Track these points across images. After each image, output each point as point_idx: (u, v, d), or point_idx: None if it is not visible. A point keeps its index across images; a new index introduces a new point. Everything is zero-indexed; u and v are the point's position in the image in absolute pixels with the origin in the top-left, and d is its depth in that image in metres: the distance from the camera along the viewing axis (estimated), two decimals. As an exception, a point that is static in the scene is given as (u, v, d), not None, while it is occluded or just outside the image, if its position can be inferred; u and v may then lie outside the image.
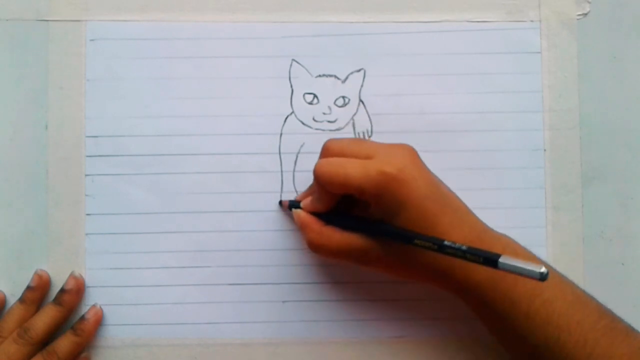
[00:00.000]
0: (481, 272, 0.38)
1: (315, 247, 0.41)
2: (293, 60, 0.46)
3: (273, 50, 0.46)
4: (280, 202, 0.45)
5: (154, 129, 0.45)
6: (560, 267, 0.45)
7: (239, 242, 0.45)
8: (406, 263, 0.40)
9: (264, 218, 0.45)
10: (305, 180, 0.45)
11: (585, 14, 0.46)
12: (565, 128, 0.46)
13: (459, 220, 0.39)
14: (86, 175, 0.45)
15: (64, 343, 0.43)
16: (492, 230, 0.40)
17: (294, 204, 0.44)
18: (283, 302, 0.45)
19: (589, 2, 0.46)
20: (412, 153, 0.39)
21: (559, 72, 0.46)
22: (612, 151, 0.46)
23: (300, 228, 0.42)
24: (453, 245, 0.36)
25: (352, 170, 0.38)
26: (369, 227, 0.40)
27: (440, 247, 0.37)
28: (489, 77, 0.46)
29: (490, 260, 0.35)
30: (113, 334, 0.45)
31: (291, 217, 0.45)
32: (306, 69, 0.46)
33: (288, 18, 0.46)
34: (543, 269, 0.33)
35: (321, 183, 0.39)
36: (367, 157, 0.39)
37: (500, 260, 0.34)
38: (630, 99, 0.46)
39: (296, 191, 0.45)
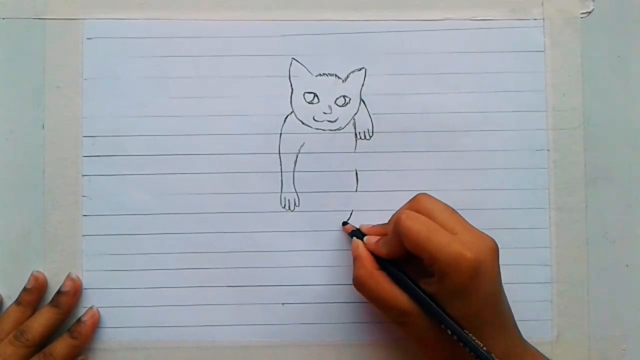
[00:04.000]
0: None
1: (359, 285, 0.41)
2: (293, 58, 0.45)
3: (273, 48, 0.45)
4: (344, 223, 0.45)
5: (152, 129, 0.45)
6: (564, 269, 0.45)
7: (238, 243, 0.45)
8: (439, 348, 0.39)
9: (264, 219, 0.45)
10: (305, 180, 0.45)
11: (589, 12, 0.46)
12: (569, 128, 0.45)
13: (503, 333, 0.39)
14: (83, 175, 0.45)
15: (61, 346, 0.43)
16: (529, 346, 0.40)
17: (357, 234, 0.43)
18: (282, 304, 0.45)
19: (593, 0, 0.46)
20: (494, 249, 0.38)
21: (562, 71, 0.45)
22: (616, 151, 0.46)
23: (354, 260, 0.42)
24: None
25: (435, 236, 0.37)
26: (423, 301, 0.38)
27: (481, 355, 0.36)
28: (491, 76, 0.45)
29: None
30: (110, 336, 0.44)
31: (292, 218, 0.45)
32: (306, 68, 0.45)
33: (288, 16, 0.45)
34: None
35: (401, 233, 0.38)
36: (452, 231, 0.38)
37: None
38: (635, 98, 0.46)
39: (296, 191, 0.45)
